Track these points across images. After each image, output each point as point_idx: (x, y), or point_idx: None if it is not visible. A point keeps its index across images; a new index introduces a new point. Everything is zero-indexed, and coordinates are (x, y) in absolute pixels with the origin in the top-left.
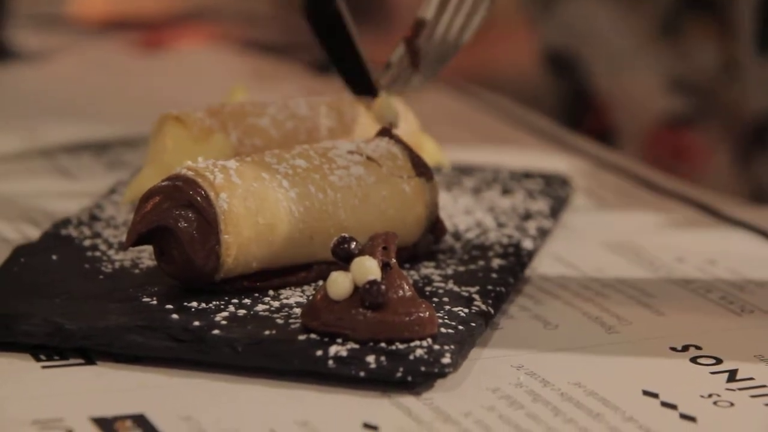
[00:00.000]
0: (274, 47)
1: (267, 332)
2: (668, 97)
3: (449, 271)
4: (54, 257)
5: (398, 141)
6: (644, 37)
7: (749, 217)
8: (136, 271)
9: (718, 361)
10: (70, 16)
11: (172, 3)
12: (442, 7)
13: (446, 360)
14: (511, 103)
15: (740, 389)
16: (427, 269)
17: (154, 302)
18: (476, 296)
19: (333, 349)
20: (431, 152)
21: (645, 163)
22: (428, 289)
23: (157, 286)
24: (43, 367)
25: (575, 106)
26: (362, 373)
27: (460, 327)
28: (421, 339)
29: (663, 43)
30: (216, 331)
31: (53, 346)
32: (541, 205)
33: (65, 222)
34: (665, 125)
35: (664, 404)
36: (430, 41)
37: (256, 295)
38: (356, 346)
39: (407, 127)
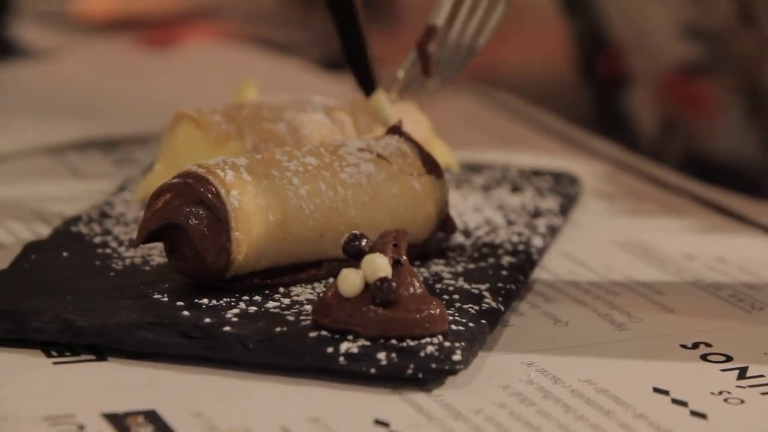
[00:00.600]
0: (281, 44)
1: (278, 329)
2: (683, 43)
3: (459, 269)
4: (65, 254)
5: (408, 138)
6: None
7: (759, 216)
8: (147, 268)
9: (729, 359)
10: (76, 14)
11: (178, 1)
12: (455, 12)
13: (457, 357)
14: (522, 101)
15: (750, 386)
16: (438, 267)
17: (165, 299)
18: (486, 294)
19: (344, 346)
20: (441, 155)
21: (659, 109)
22: (438, 286)
23: (168, 283)
24: (55, 363)
25: (589, 48)
26: (373, 370)
27: (471, 324)
28: (431, 336)
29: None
30: (227, 328)
31: (64, 343)
32: (550, 203)
33: (75, 219)
34: (679, 72)
35: (675, 401)
36: (443, 47)
37: (267, 292)
38: (367, 343)
39: (420, 130)
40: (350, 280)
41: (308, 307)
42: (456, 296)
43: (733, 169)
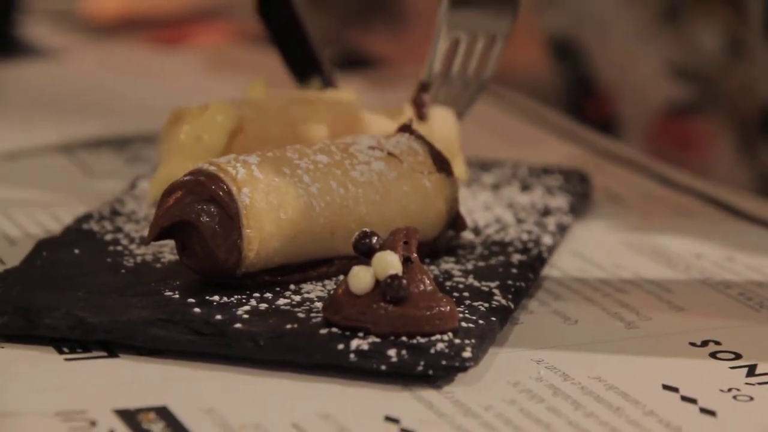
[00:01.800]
0: None
1: (288, 326)
2: (671, 84)
3: (469, 266)
4: (76, 251)
5: (419, 137)
6: (647, 23)
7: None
8: (158, 265)
9: (738, 356)
10: (86, 13)
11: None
12: (453, 53)
13: (467, 354)
14: (529, 100)
15: (759, 384)
16: (448, 264)
17: (176, 296)
18: (496, 291)
19: (354, 343)
20: (457, 168)
21: (648, 152)
22: (449, 283)
23: (179, 280)
24: (66, 359)
25: (578, 93)
26: (383, 367)
27: (481, 321)
28: (441, 333)
29: (666, 29)
30: (238, 325)
31: (76, 339)
32: (560, 201)
33: (87, 217)
34: (668, 113)
35: (684, 398)
36: (449, 85)
37: (278, 289)
38: (377, 339)
39: (447, 139)
40: (361, 278)
41: (319, 305)
42: (466, 294)
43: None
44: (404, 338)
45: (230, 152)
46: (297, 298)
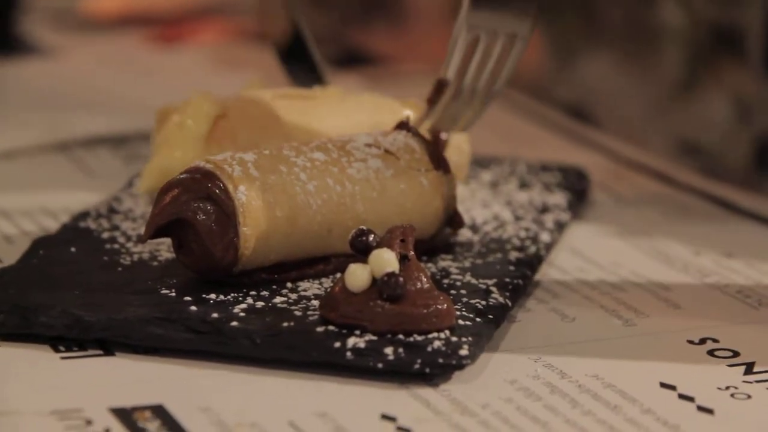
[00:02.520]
0: None
1: (285, 324)
2: (678, 161)
3: (467, 264)
4: (73, 249)
5: (416, 134)
6: (656, 102)
7: (766, 211)
8: (155, 263)
9: (736, 354)
10: (85, 11)
11: None
12: (468, 60)
13: (464, 352)
14: (527, 98)
15: (757, 381)
16: (445, 262)
17: (173, 294)
18: (494, 289)
19: (351, 341)
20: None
21: None
22: (446, 281)
23: (176, 278)
24: (62, 357)
25: None
26: (380, 365)
27: (478, 319)
28: (438, 331)
29: (677, 104)
30: (234, 323)
31: (72, 338)
32: (558, 198)
33: (84, 215)
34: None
35: (682, 396)
36: (460, 95)
37: (275, 287)
38: (374, 337)
39: (454, 164)
40: (357, 275)
41: (315, 302)
42: (463, 291)
43: None
44: (401, 336)
45: (214, 137)
46: (294, 296)
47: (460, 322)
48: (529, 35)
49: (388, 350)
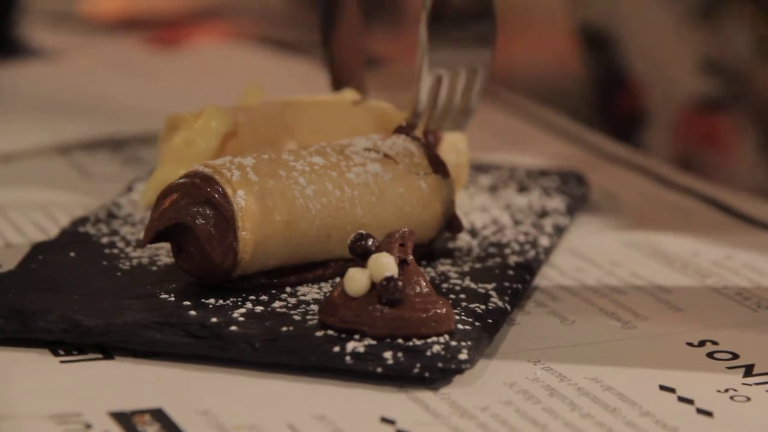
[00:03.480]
0: (290, 44)
1: (284, 329)
2: (701, 79)
3: (466, 268)
4: (72, 254)
5: (414, 138)
6: (681, 18)
7: (766, 215)
8: (154, 268)
9: (735, 356)
10: (84, 14)
11: (187, 0)
12: (435, 92)
13: (463, 356)
14: (528, 100)
15: (757, 384)
16: (444, 266)
17: (172, 299)
18: (493, 293)
19: (350, 345)
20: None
21: (674, 145)
22: (445, 285)
23: (175, 282)
24: (62, 362)
25: (608, 85)
26: (380, 369)
27: (477, 323)
28: (438, 335)
29: (700, 25)
30: (233, 328)
31: (71, 342)
32: (557, 202)
33: (83, 219)
34: (696, 108)
35: (681, 399)
36: (436, 116)
37: (274, 291)
38: (373, 342)
39: (452, 164)
40: (357, 280)
41: (315, 307)
42: (462, 295)
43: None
44: (400, 340)
45: (224, 156)
46: (293, 300)
47: (460, 326)
48: (491, 62)
49: (388, 354)
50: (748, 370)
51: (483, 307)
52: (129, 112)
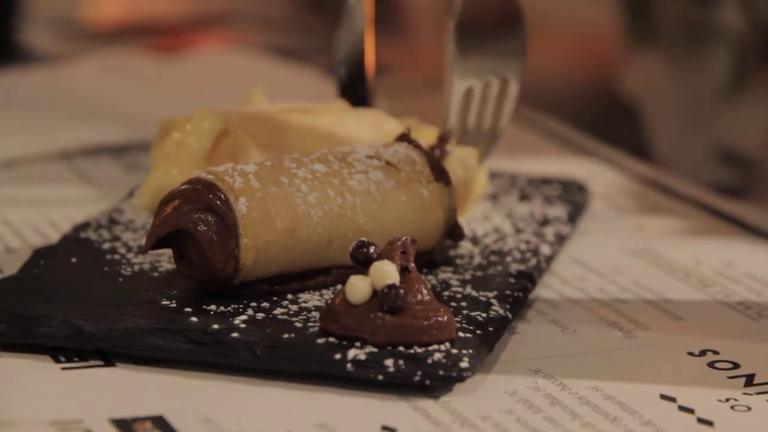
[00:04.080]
0: (291, 51)
1: (286, 336)
2: (719, 167)
3: (467, 276)
4: (73, 260)
5: (417, 146)
6: (705, 99)
7: (765, 223)
8: (156, 274)
9: (736, 366)
10: (87, 20)
11: (189, 7)
12: (467, 106)
13: (464, 364)
14: (530, 109)
15: (758, 393)
16: (446, 274)
17: (173, 305)
18: (494, 301)
19: (351, 353)
20: (462, 209)
21: None
22: (446, 293)
23: (176, 289)
24: (63, 368)
25: (635, 156)
26: (381, 377)
27: (478, 331)
28: (439, 343)
29: (721, 109)
30: (235, 335)
31: (72, 348)
32: (558, 210)
33: (84, 225)
34: (713, 194)
35: (682, 408)
36: (465, 135)
37: (275, 298)
38: (375, 349)
39: (461, 179)
40: (358, 287)
41: (316, 314)
42: (464, 303)
43: None
44: (401, 348)
45: (215, 157)
46: (294, 307)
47: (461, 334)
48: (522, 75)
49: (389, 362)
50: (749, 380)
51: (484, 315)
52: (131, 118)
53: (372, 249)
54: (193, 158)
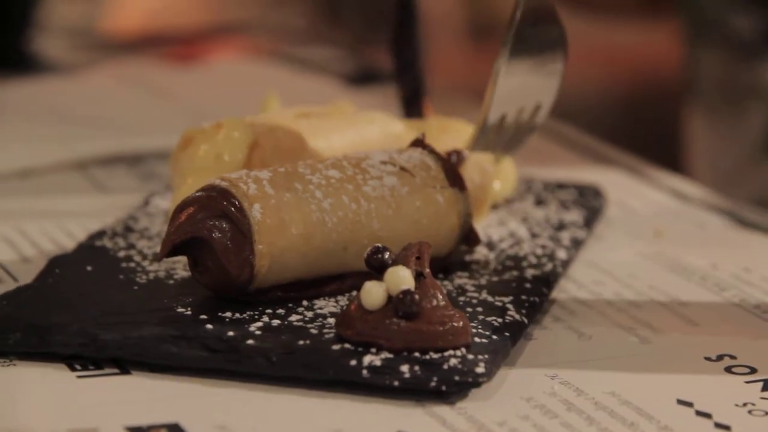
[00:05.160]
0: (308, 60)
1: (301, 342)
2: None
3: (483, 281)
4: (89, 268)
5: (431, 151)
6: (743, 157)
7: None
8: (171, 281)
9: (753, 371)
10: (103, 30)
11: (204, 16)
12: (511, 99)
13: (480, 369)
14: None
15: None
16: (461, 279)
17: (189, 313)
18: (510, 306)
19: (367, 359)
20: (478, 217)
21: None
22: (462, 299)
23: (192, 296)
24: (78, 377)
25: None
26: (396, 383)
27: (494, 337)
28: (455, 348)
29: (760, 164)
30: (250, 342)
31: (88, 356)
32: (574, 215)
33: (100, 233)
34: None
35: (699, 413)
36: (503, 128)
37: (290, 305)
38: (390, 355)
39: (477, 185)
40: (373, 293)
41: (331, 320)
42: (479, 309)
43: None
44: (417, 354)
45: (249, 167)
46: (309, 314)
47: (477, 339)
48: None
49: (404, 368)
50: (766, 384)
51: (500, 320)
52: (146, 127)
53: (387, 255)
54: (232, 169)
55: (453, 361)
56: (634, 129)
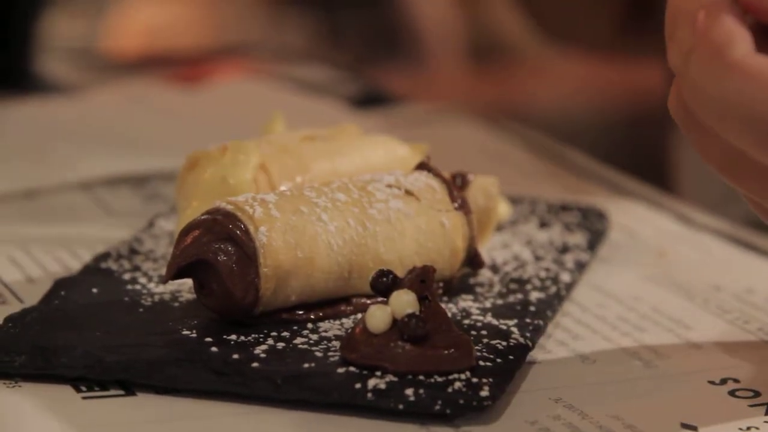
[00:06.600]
0: (310, 82)
1: (306, 365)
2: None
3: (487, 304)
4: (94, 290)
5: (437, 174)
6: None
7: None
8: (176, 304)
9: (757, 394)
10: (106, 51)
11: (208, 38)
12: None
13: (485, 393)
14: (546, 137)
15: None
16: (465, 302)
17: (194, 335)
18: (514, 329)
19: (372, 382)
20: (483, 238)
21: None
22: (466, 322)
23: (197, 319)
24: (84, 398)
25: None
26: (401, 406)
27: (498, 360)
28: (459, 372)
29: None
30: (255, 364)
31: (93, 378)
32: (578, 238)
33: (105, 255)
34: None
35: None
36: None
37: (295, 328)
38: (395, 378)
39: (481, 208)
40: (378, 316)
41: (336, 343)
42: (484, 332)
43: None
44: (422, 377)
45: (255, 190)
46: (314, 336)
47: (481, 362)
48: None
49: (409, 391)
50: None
51: (504, 343)
52: (151, 148)
53: (392, 278)
54: (239, 192)
55: (457, 385)
56: (632, 151)
